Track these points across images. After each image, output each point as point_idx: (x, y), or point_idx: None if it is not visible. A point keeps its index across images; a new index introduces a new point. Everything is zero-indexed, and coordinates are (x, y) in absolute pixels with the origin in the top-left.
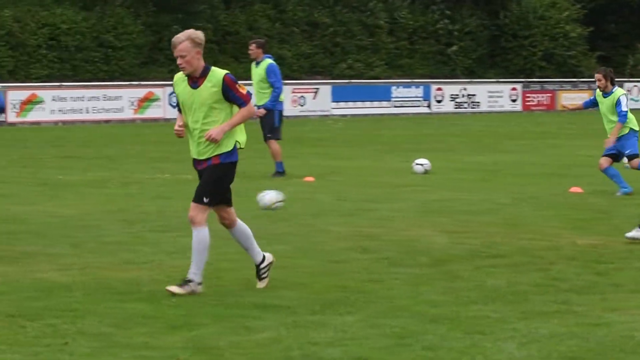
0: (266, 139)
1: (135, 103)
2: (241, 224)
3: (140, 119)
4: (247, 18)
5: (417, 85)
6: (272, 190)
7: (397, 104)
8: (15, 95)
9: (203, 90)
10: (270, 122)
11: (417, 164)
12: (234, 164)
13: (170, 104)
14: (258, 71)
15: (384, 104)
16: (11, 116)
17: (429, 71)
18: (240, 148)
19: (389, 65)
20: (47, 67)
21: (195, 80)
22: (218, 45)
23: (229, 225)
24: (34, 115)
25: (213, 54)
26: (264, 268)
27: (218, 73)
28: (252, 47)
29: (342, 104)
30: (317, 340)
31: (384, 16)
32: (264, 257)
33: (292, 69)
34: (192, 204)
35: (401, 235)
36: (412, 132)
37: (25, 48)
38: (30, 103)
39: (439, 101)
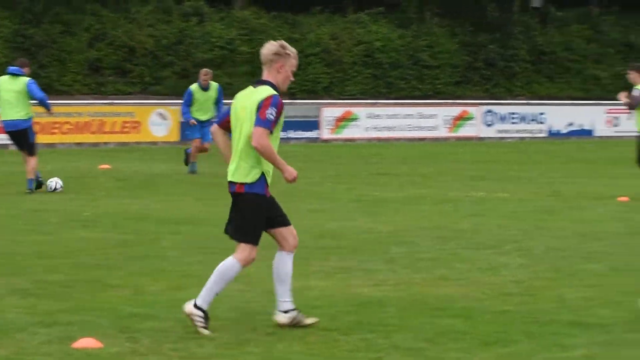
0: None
1: (450, 121)
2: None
3: (455, 138)
4: (564, 39)
5: None
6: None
7: None
8: (330, 112)
9: None
10: None
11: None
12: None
13: (485, 123)
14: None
15: None
16: (325, 133)
17: None
18: None
19: None
20: (361, 84)
21: None
22: (533, 64)
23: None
24: (348, 132)
25: (527, 73)
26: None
27: None
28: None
29: None
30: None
31: None
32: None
33: (607, 89)
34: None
35: None
36: None
37: (341, 65)
38: (344, 120)
39: None
